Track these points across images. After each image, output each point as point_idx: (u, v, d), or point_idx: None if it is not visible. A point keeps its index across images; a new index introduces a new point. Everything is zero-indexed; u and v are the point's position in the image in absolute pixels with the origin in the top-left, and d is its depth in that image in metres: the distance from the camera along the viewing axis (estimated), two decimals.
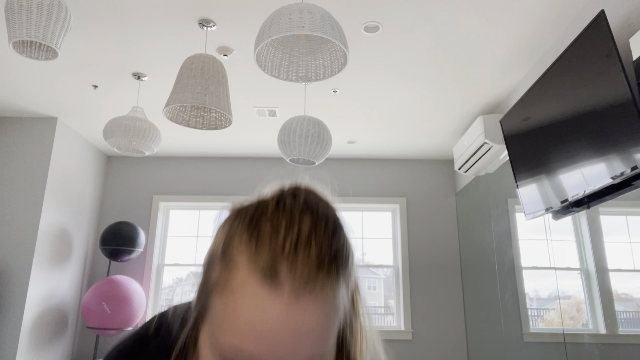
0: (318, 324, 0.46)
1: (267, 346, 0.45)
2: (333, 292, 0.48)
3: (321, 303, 0.46)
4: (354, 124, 3.96)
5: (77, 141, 4.22)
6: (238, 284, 0.46)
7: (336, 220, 0.52)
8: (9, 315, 3.49)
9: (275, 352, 0.45)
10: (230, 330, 0.46)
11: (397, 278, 4.60)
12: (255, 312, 0.45)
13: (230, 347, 0.46)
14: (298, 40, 1.86)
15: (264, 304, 0.45)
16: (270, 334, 0.45)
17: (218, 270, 0.49)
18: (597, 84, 1.91)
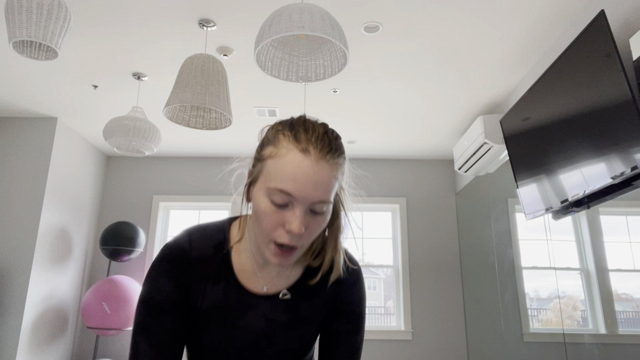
0: (327, 179, 0.80)
1: (299, 187, 0.78)
2: (335, 167, 0.82)
3: (329, 168, 0.81)
4: (354, 124, 3.96)
5: (77, 141, 4.22)
6: (286, 154, 0.80)
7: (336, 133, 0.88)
8: (9, 315, 3.49)
9: (303, 192, 0.78)
10: (278, 178, 0.79)
11: (397, 278, 4.60)
12: (294, 167, 0.78)
13: (277, 188, 0.79)
14: (298, 40, 1.86)
15: (300, 163, 0.78)
16: (302, 179, 0.78)
17: (270, 149, 0.82)
18: (597, 84, 1.91)
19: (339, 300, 0.98)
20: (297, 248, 0.83)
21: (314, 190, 0.79)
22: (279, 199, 0.80)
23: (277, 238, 0.81)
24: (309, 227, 0.82)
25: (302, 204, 0.79)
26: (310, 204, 0.80)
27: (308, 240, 0.84)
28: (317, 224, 0.83)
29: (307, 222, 0.81)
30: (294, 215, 0.79)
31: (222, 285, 0.91)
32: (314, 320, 0.97)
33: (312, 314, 0.96)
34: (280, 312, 0.94)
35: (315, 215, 0.82)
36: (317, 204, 0.80)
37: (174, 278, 0.89)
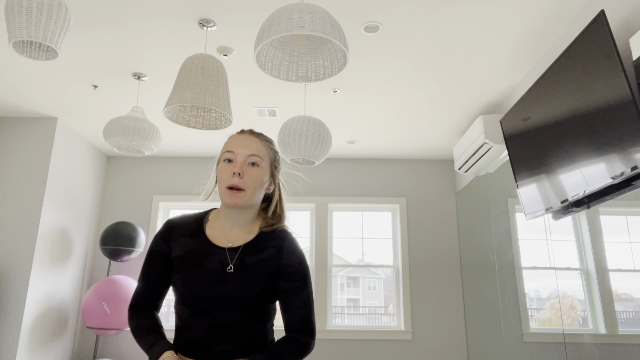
0: (256, 144, 1.30)
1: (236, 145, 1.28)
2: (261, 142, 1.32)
3: (257, 140, 1.31)
4: (354, 124, 3.96)
5: (77, 141, 4.22)
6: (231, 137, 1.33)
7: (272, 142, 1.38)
8: (9, 315, 3.49)
9: (239, 147, 1.28)
10: (226, 146, 1.29)
11: (397, 278, 4.60)
12: (234, 138, 1.31)
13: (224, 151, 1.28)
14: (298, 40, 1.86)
15: (237, 136, 1.32)
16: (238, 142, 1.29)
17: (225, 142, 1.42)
18: (597, 84, 1.91)
19: (282, 263, 1.29)
20: (243, 190, 1.24)
21: (247, 148, 1.27)
22: (226, 156, 1.27)
23: (227, 183, 1.23)
24: (248, 174, 1.25)
25: (240, 157, 1.26)
26: (246, 157, 1.26)
27: (249, 185, 1.24)
28: (253, 173, 1.26)
29: (246, 170, 1.25)
30: (236, 164, 1.26)
31: (196, 239, 1.30)
32: (258, 271, 1.26)
33: (256, 265, 1.26)
34: (232, 260, 1.27)
35: (252, 167, 1.26)
36: (251, 157, 1.26)
37: (163, 237, 1.32)
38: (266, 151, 1.30)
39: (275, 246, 1.29)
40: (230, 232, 1.30)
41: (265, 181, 1.29)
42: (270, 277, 1.26)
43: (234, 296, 1.22)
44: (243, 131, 1.32)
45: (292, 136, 2.81)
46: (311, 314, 1.29)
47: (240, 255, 1.27)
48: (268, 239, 1.31)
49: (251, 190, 1.24)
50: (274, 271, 1.27)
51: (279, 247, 1.29)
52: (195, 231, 1.31)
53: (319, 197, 4.74)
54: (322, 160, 3.29)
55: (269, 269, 1.27)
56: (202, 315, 1.23)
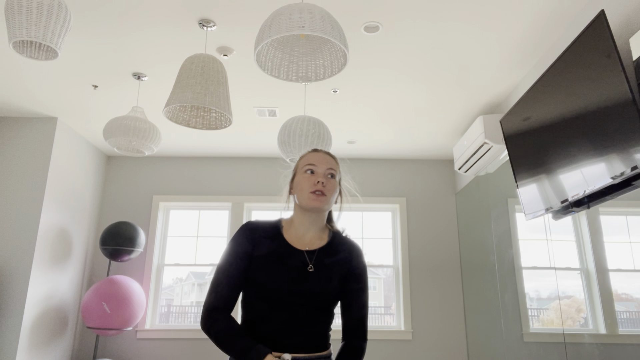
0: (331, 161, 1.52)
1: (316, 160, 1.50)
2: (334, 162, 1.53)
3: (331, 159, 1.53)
4: (354, 124, 3.96)
5: (77, 141, 4.22)
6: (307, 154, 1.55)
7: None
8: (9, 315, 3.49)
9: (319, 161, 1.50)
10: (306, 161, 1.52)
11: (397, 278, 4.60)
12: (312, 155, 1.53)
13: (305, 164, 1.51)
14: (298, 40, 1.86)
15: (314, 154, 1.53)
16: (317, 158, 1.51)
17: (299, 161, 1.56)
18: (597, 84, 1.91)
19: (351, 265, 1.49)
20: (325, 195, 1.44)
21: (325, 163, 1.49)
22: (308, 168, 1.48)
23: (311, 188, 1.44)
24: (328, 183, 1.46)
25: (321, 169, 1.47)
26: (325, 170, 1.47)
27: (329, 192, 1.45)
28: (332, 183, 1.47)
29: (325, 180, 1.45)
30: (319, 174, 1.47)
31: (276, 242, 1.46)
32: (333, 272, 1.45)
33: (332, 266, 1.46)
34: (311, 260, 1.44)
35: (329, 179, 1.47)
36: (329, 170, 1.48)
37: (247, 238, 1.45)
38: (338, 168, 1.52)
39: (347, 250, 1.51)
40: (305, 237, 1.49)
41: (337, 193, 1.50)
42: (341, 278, 1.47)
43: (314, 292, 1.39)
44: (318, 150, 1.53)
45: (292, 136, 2.81)
46: (366, 316, 1.50)
47: (318, 257, 1.46)
48: (339, 244, 1.52)
49: (330, 196, 1.45)
50: (344, 272, 1.48)
51: (349, 251, 1.51)
52: (275, 235, 1.47)
53: None
54: None
55: (342, 270, 1.47)
56: (280, 309, 1.37)
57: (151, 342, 4.32)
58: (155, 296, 4.51)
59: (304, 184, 1.45)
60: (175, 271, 4.65)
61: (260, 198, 4.72)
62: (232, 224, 4.65)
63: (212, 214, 4.80)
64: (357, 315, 1.47)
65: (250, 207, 4.77)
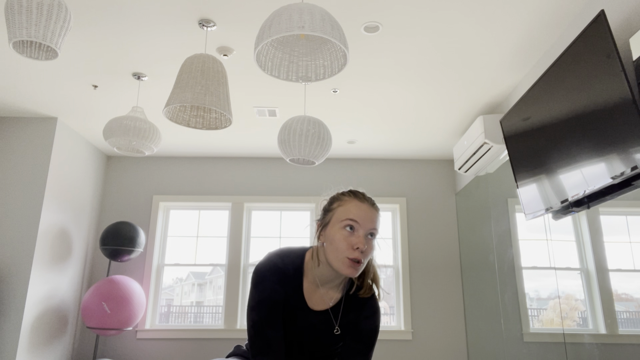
0: (376, 217, 1.29)
1: (361, 217, 1.26)
2: (378, 215, 1.31)
3: (377, 213, 1.31)
4: (354, 124, 3.96)
5: (77, 141, 4.22)
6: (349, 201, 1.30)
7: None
8: (9, 315, 3.49)
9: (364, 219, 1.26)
10: (348, 213, 1.27)
11: (397, 278, 4.60)
12: (357, 207, 1.28)
13: (348, 218, 1.26)
14: (298, 40, 1.86)
15: (360, 205, 1.29)
16: (362, 214, 1.27)
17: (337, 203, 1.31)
18: (597, 84, 1.91)
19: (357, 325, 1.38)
20: (361, 262, 1.25)
21: (370, 221, 1.27)
22: (349, 224, 1.26)
23: (350, 255, 1.24)
24: (367, 249, 1.26)
25: (363, 229, 1.26)
26: (368, 230, 1.27)
27: (366, 258, 1.26)
28: (370, 247, 1.28)
29: (366, 244, 1.25)
30: (359, 237, 1.25)
31: (296, 296, 1.35)
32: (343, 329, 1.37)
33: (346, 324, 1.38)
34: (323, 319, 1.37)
35: (369, 240, 1.28)
36: (371, 230, 1.28)
37: (280, 284, 1.32)
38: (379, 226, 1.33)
39: (358, 309, 1.40)
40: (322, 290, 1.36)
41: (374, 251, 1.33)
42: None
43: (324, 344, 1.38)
44: (364, 199, 1.31)
45: (292, 136, 2.81)
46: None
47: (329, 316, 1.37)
48: (353, 301, 1.40)
49: (365, 262, 1.28)
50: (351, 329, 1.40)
51: (359, 310, 1.40)
52: (296, 286, 1.35)
53: (319, 197, 4.74)
54: (322, 160, 3.29)
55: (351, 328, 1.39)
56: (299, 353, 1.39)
57: (151, 342, 4.32)
58: (155, 296, 4.51)
59: (340, 244, 1.24)
60: (175, 271, 4.65)
61: (260, 198, 4.72)
62: (232, 224, 4.65)
63: (212, 214, 4.80)
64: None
65: (250, 207, 4.77)
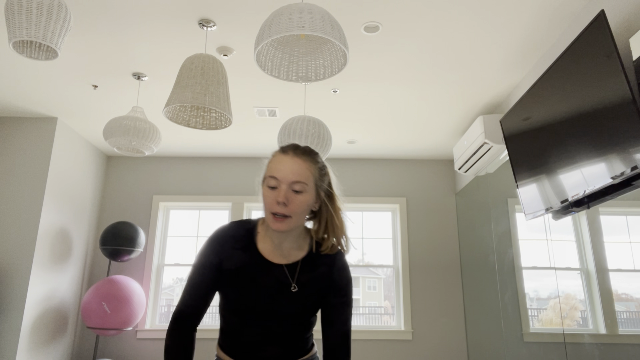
0: (300, 168, 1.24)
1: (280, 172, 1.24)
2: (307, 164, 1.26)
3: (302, 162, 1.25)
4: (354, 124, 3.96)
5: (77, 141, 4.22)
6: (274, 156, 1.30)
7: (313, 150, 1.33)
8: (9, 315, 3.49)
9: (282, 174, 1.23)
10: (269, 169, 1.27)
11: (397, 278, 4.60)
12: (278, 160, 1.27)
13: (268, 175, 1.26)
14: (298, 40, 1.86)
15: (281, 158, 1.27)
16: (282, 167, 1.24)
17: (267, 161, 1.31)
18: (597, 84, 1.91)
19: (332, 279, 1.35)
20: (288, 217, 1.23)
21: (291, 173, 1.23)
22: (270, 183, 1.25)
23: (273, 209, 1.23)
24: (292, 201, 1.23)
25: (284, 184, 1.23)
26: (290, 184, 1.23)
27: (294, 211, 1.23)
28: (298, 200, 1.23)
29: (290, 197, 1.23)
30: (280, 191, 1.23)
31: (249, 253, 1.32)
32: (312, 289, 1.33)
33: (310, 283, 1.33)
34: (286, 277, 1.31)
35: (296, 194, 1.23)
36: (295, 184, 1.23)
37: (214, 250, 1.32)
38: (310, 173, 1.26)
39: (327, 264, 1.35)
40: (282, 247, 1.33)
41: (311, 204, 1.28)
42: (321, 294, 1.34)
43: (290, 312, 1.30)
44: (287, 151, 1.27)
45: (292, 136, 2.81)
46: (350, 331, 1.36)
47: (294, 272, 1.32)
48: (320, 256, 1.36)
49: (296, 217, 1.24)
50: (324, 287, 1.34)
51: (330, 264, 1.36)
52: (248, 245, 1.33)
53: None
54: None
55: (321, 286, 1.34)
56: (254, 324, 1.30)
57: (151, 342, 4.32)
58: (155, 296, 4.51)
59: (265, 200, 1.26)
60: (175, 271, 4.65)
61: (260, 198, 4.72)
62: None
63: (212, 214, 4.80)
64: (340, 332, 1.34)
65: (250, 207, 4.77)
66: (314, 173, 1.27)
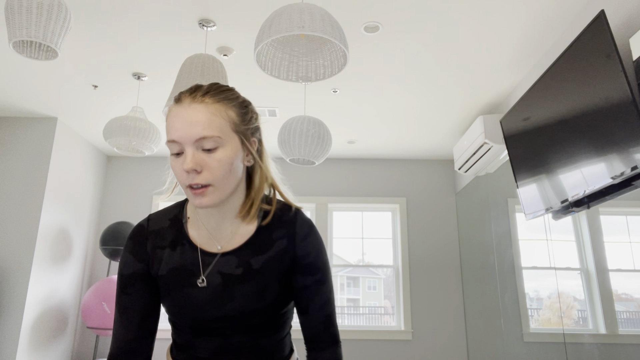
0: (202, 116, 0.88)
1: (178, 132, 0.88)
2: (212, 105, 0.90)
3: (204, 107, 0.89)
4: (354, 124, 3.96)
5: (77, 141, 4.22)
6: (169, 112, 0.93)
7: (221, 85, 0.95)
8: (9, 315, 3.49)
9: (182, 134, 0.88)
10: (167, 132, 0.92)
11: (397, 278, 4.60)
12: (172, 117, 0.91)
13: (167, 141, 0.91)
14: (298, 40, 1.86)
15: (175, 112, 0.90)
16: (178, 124, 0.89)
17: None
18: (597, 84, 1.91)
19: (295, 255, 1.01)
20: (209, 186, 0.90)
21: (192, 128, 0.88)
22: (173, 149, 0.91)
23: (186, 181, 0.91)
24: (207, 165, 0.89)
25: (188, 145, 0.89)
26: (196, 143, 0.88)
27: (214, 177, 0.90)
28: (215, 161, 0.89)
29: (201, 159, 0.89)
30: (186, 155, 0.89)
31: (179, 249, 1.01)
32: (270, 274, 1.00)
33: (266, 266, 0.99)
34: (235, 267, 0.99)
35: (209, 153, 0.89)
36: (203, 141, 0.88)
37: (134, 253, 1.02)
38: (222, 117, 0.90)
39: (285, 236, 1.01)
40: (220, 228, 1.00)
41: (236, 158, 0.92)
42: (285, 276, 1.01)
43: (246, 311, 0.98)
44: (182, 98, 0.91)
45: (292, 136, 2.81)
46: (333, 313, 1.04)
47: (243, 259, 0.99)
48: (274, 227, 1.01)
49: (220, 183, 0.91)
50: (288, 267, 1.01)
51: (289, 235, 1.01)
52: (177, 238, 1.02)
53: (319, 197, 4.74)
54: (322, 160, 3.29)
55: (283, 267, 1.00)
56: (209, 336, 1.01)
57: None
58: None
59: (174, 172, 0.95)
60: None
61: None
62: None
63: None
64: (320, 316, 1.02)
65: None
66: (230, 115, 0.92)
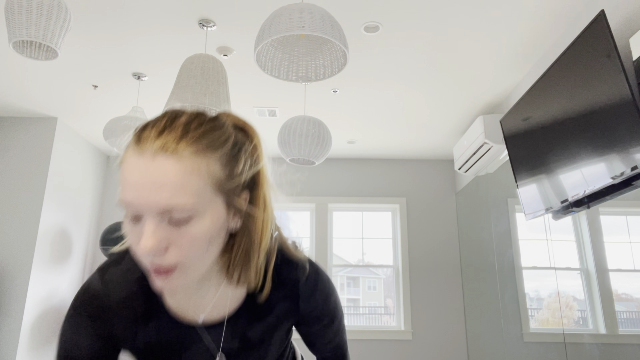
0: (172, 176, 0.60)
1: (135, 194, 0.60)
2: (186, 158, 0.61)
3: (174, 161, 0.61)
4: (354, 124, 3.96)
5: (77, 141, 4.22)
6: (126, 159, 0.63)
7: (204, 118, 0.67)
8: (9, 315, 3.49)
9: (141, 199, 0.60)
10: (121, 188, 0.63)
11: (397, 278, 4.60)
12: (129, 171, 0.61)
13: (121, 201, 0.63)
14: (298, 40, 1.86)
15: (134, 165, 0.61)
16: (137, 184, 0.60)
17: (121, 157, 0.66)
18: (597, 84, 1.91)
19: (299, 313, 0.85)
20: (176, 267, 0.64)
21: (155, 194, 0.60)
22: (129, 213, 0.63)
23: (145, 259, 0.64)
24: (175, 242, 0.63)
25: (149, 214, 0.61)
26: (160, 212, 0.61)
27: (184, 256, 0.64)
28: (186, 237, 0.63)
29: (167, 236, 0.62)
30: (144, 229, 0.62)
31: (153, 324, 0.77)
32: (272, 338, 0.85)
33: (266, 333, 0.83)
34: (229, 341, 0.81)
35: (178, 227, 0.62)
36: (171, 212, 0.61)
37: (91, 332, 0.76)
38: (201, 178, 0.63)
39: (288, 297, 0.83)
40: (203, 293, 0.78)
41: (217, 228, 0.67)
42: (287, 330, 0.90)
43: None
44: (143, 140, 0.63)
45: (292, 136, 2.81)
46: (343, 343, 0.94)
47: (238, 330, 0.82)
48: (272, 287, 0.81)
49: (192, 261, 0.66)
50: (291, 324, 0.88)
51: (292, 296, 0.83)
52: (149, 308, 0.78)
53: (319, 197, 4.74)
54: (322, 160, 3.29)
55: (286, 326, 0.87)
56: None
57: None
58: None
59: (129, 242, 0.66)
60: None
61: None
62: None
63: None
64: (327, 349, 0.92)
65: None
66: (212, 172, 0.64)
